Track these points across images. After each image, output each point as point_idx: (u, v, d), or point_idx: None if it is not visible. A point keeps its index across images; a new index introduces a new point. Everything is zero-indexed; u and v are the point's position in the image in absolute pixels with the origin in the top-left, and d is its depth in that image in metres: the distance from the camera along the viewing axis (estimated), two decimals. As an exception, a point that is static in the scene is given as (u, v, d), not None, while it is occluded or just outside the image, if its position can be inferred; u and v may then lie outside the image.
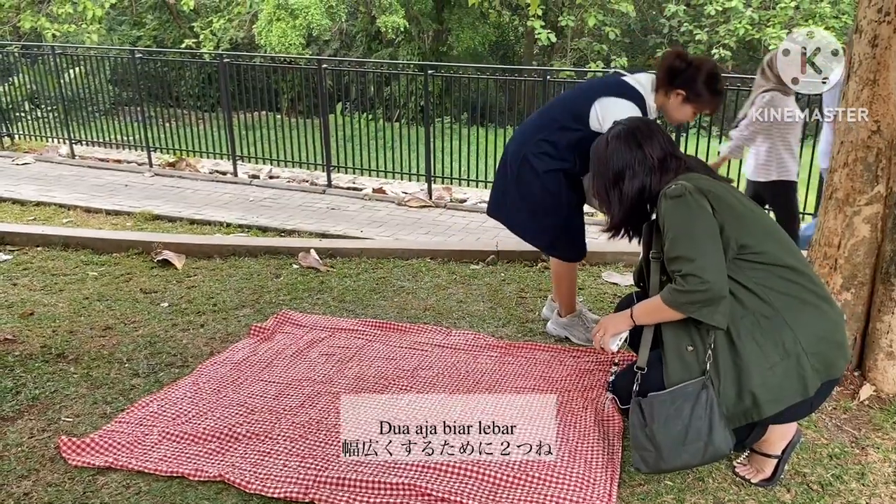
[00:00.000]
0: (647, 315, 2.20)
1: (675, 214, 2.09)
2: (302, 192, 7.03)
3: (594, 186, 2.40)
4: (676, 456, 2.07)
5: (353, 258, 4.51)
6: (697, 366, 2.08)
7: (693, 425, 2.04)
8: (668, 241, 2.08)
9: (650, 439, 2.09)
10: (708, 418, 2.03)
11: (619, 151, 2.28)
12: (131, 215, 5.91)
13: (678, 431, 2.05)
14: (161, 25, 18.30)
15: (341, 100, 9.51)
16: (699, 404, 2.04)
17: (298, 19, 14.07)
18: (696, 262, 2.02)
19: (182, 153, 8.15)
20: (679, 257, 2.05)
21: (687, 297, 2.02)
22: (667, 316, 2.11)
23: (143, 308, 3.73)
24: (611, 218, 2.35)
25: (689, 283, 2.01)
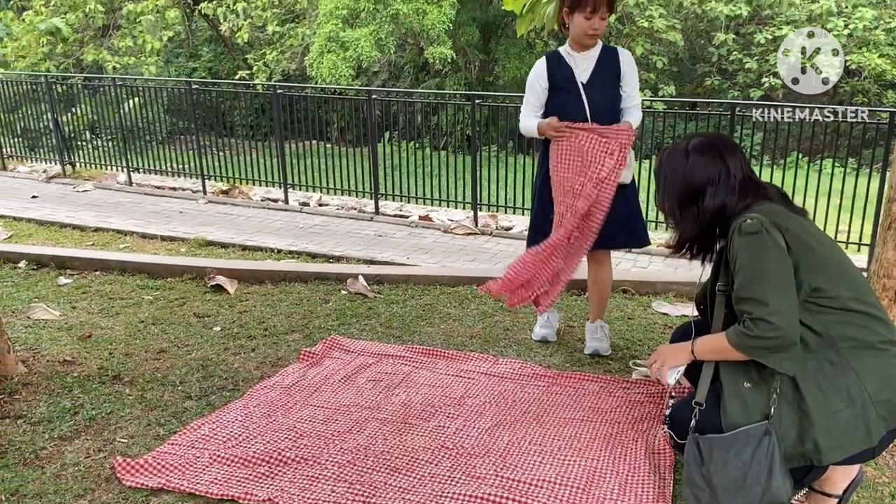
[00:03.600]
0: (709, 352, 2.12)
1: (749, 252, 1.98)
2: (350, 220, 7.12)
3: (661, 200, 2.26)
4: (731, 499, 2.00)
5: (400, 284, 4.54)
6: (758, 408, 2.00)
7: (752, 469, 1.96)
8: (740, 280, 1.99)
9: (706, 479, 2.02)
10: (768, 464, 1.95)
11: (701, 164, 2.13)
12: (185, 241, 6.06)
13: (736, 475, 1.97)
14: (216, 57, 18.87)
15: (389, 129, 9.64)
16: (760, 449, 1.96)
17: (349, 51, 14.36)
18: (768, 307, 1.92)
19: (235, 181, 8.35)
20: (750, 299, 1.96)
21: (756, 342, 1.95)
22: (731, 356, 2.03)
23: (196, 332, 3.80)
24: (679, 235, 2.21)
25: (760, 328, 1.93)
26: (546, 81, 3.34)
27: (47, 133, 9.66)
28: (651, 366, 2.29)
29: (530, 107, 3.37)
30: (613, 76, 3.27)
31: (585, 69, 3.28)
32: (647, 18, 15.93)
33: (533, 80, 3.37)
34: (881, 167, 5.49)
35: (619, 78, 3.27)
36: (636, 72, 3.34)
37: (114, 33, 15.43)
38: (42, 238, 6.18)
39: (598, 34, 3.22)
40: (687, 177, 2.15)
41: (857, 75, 14.98)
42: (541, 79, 3.34)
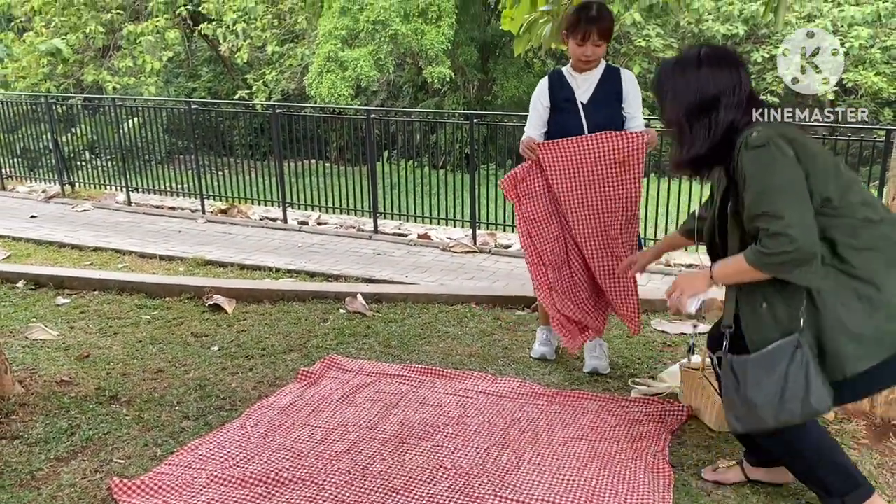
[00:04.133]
0: (728, 276, 2.06)
1: (758, 166, 1.91)
2: (349, 238, 7.12)
3: (670, 113, 2.13)
4: (772, 415, 1.99)
5: (399, 303, 4.54)
6: (784, 324, 1.98)
7: (789, 385, 1.95)
8: (751, 196, 1.93)
9: (745, 400, 2.02)
10: (804, 376, 1.94)
11: (715, 75, 2.02)
12: (184, 261, 6.06)
13: (773, 392, 1.97)
14: (215, 77, 18.99)
15: (388, 148, 9.68)
16: (794, 363, 1.94)
17: (348, 71, 14.44)
18: (783, 220, 1.86)
19: (234, 200, 8.36)
20: (763, 214, 1.90)
21: (774, 258, 1.90)
22: (752, 277, 1.98)
23: (193, 351, 3.80)
24: (688, 150, 2.10)
25: (777, 243, 1.88)
26: (548, 100, 3.37)
27: (47, 153, 9.68)
28: (669, 297, 2.22)
29: (532, 125, 3.41)
30: (614, 97, 3.29)
31: (586, 89, 3.31)
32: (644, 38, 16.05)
33: (536, 99, 3.41)
34: (878, 185, 5.51)
35: (620, 99, 3.30)
36: (639, 92, 3.36)
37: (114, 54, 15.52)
38: (40, 258, 6.18)
39: (591, 60, 3.25)
40: (702, 87, 2.04)
41: (853, 93, 15.08)
42: (543, 98, 3.38)
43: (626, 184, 3.22)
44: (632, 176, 3.21)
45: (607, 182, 3.22)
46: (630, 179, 3.21)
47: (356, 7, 14.63)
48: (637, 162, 3.20)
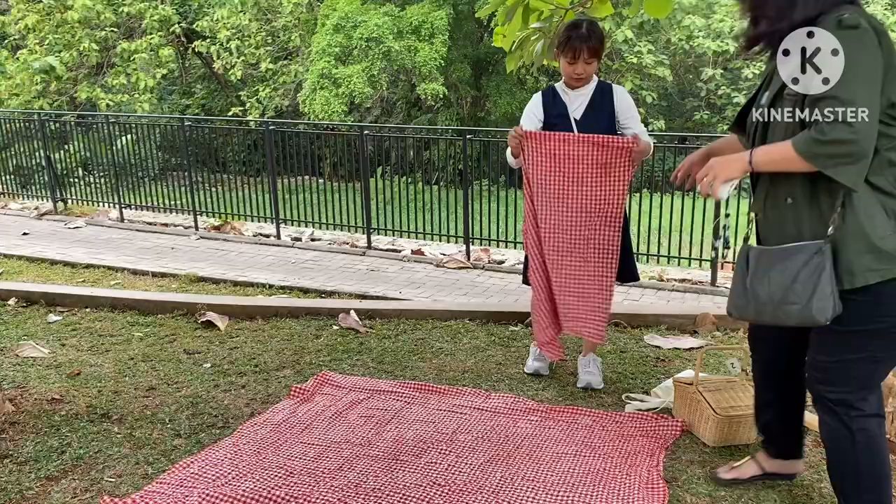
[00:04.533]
0: (769, 163, 1.96)
1: (850, 48, 1.79)
2: (342, 254, 7.12)
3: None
4: (770, 312, 2.00)
5: (392, 319, 4.53)
6: (809, 226, 1.95)
7: (795, 287, 1.93)
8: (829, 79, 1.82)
9: (747, 290, 2.03)
10: (813, 284, 1.90)
11: None
12: (177, 277, 6.04)
13: (778, 289, 1.96)
14: (209, 94, 19.05)
15: (382, 164, 9.70)
16: (808, 266, 1.91)
17: (341, 88, 14.51)
18: (854, 106, 1.76)
19: (227, 217, 8.35)
20: (833, 97, 1.79)
21: (828, 148, 1.80)
22: (794, 167, 1.89)
23: (186, 369, 3.78)
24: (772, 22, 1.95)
25: (837, 131, 1.77)
26: (542, 114, 3.39)
27: (39, 170, 9.67)
28: (700, 180, 2.10)
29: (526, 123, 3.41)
30: (607, 113, 3.32)
31: (579, 106, 3.33)
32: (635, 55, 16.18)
33: (528, 111, 3.43)
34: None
35: (613, 114, 3.32)
36: (632, 105, 3.38)
37: (108, 71, 15.57)
38: (32, 275, 6.15)
39: (582, 78, 3.28)
40: None
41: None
42: (537, 111, 3.40)
43: (607, 186, 3.20)
44: (616, 179, 3.20)
45: (587, 182, 3.21)
46: (614, 182, 3.20)
47: (349, 25, 14.74)
48: (624, 166, 3.18)
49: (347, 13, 14.85)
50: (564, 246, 3.31)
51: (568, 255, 3.31)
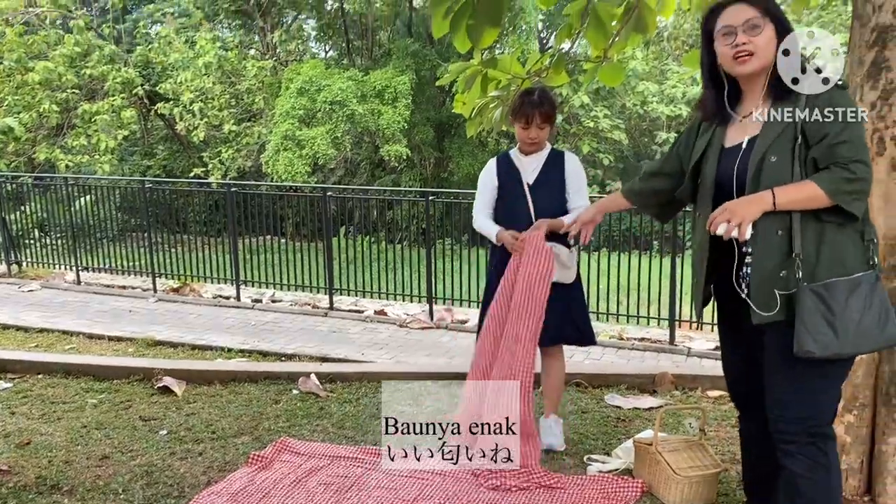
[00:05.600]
0: (794, 202, 2.08)
1: (851, 103, 2.10)
2: (304, 316, 7.07)
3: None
4: (855, 342, 2.04)
5: (354, 382, 4.50)
6: (855, 259, 2.08)
7: (871, 314, 2.04)
8: (837, 128, 2.05)
9: (830, 324, 2.04)
10: (885, 308, 2.06)
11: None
12: (134, 341, 5.92)
13: (857, 318, 2.04)
14: (171, 155, 19.00)
15: (345, 223, 9.74)
16: (875, 293, 2.06)
17: (305, 149, 14.63)
18: (867, 150, 2.05)
19: (186, 278, 8.26)
20: (849, 142, 2.03)
21: (852, 185, 2.02)
22: (815, 205, 2.06)
23: (141, 436, 3.68)
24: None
25: (859, 170, 2.01)
26: (496, 180, 3.49)
27: (-7, 232, 9.49)
28: (717, 223, 2.13)
29: (481, 205, 3.53)
30: (559, 179, 3.41)
31: (532, 171, 3.42)
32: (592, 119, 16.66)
33: (484, 179, 3.53)
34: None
35: (564, 181, 3.41)
36: (582, 175, 3.48)
37: (68, 132, 15.48)
38: (-18, 340, 5.99)
39: (536, 142, 3.39)
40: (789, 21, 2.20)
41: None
42: (491, 178, 3.50)
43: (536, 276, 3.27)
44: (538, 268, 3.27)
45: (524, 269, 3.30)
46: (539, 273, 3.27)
47: (314, 88, 14.95)
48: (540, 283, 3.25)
49: (312, 77, 15.08)
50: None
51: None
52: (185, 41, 16.48)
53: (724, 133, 2.27)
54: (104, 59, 15.30)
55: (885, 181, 2.59)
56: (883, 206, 2.59)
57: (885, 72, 2.49)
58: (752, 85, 2.20)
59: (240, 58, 17.03)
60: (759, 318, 2.14)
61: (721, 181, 2.24)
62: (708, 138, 2.30)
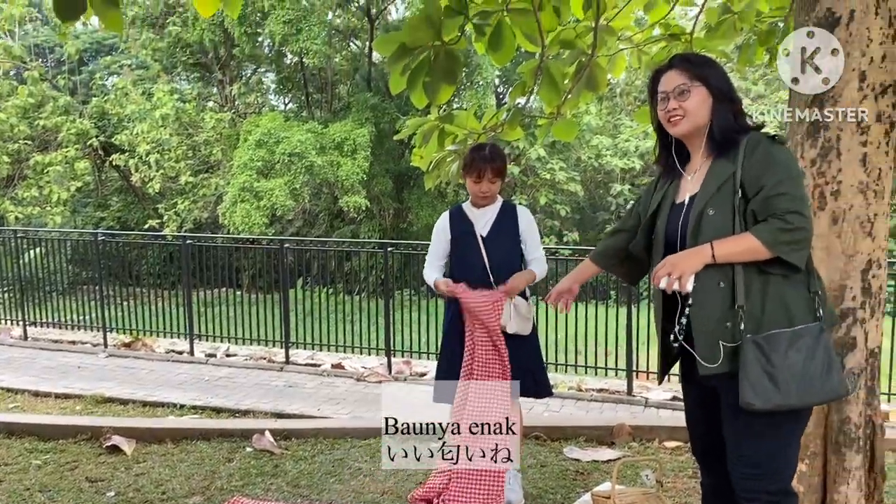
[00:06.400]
0: (733, 254, 2.12)
1: (786, 156, 2.16)
2: (259, 370, 6.93)
3: (720, 81, 2.25)
4: (795, 395, 2.05)
5: (309, 439, 4.41)
6: (797, 310, 2.10)
7: (815, 365, 2.05)
8: (774, 180, 2.09)
9: (770, 377, 2.05)
10: (828, 360, 2.07)
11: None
12: (82, 398, 5.73)
13: (799, 370, 2.04)
14: (125, 207, 18.74)
15: (302, 275, 9.66)
16: (819, 345, 2.07)
17: (263, 200, 14.57)
18: (804, 201, 2.09)
19: (138, 333, 8.07)
20: (786, 194, 2.07)
21: (790, 235, 2.06)
22: (755, 256, 2.09)
23: (87, 498, 3.55)
24: (723, 122, 2.25)
25: (797, 221, 2.05)
26: (448, 233, 3.52)
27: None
28: (659, 276, 2.18)
29: (433, 257, 3.58)
30: (513, 231, 3.46)
31: (485, 224, 3.47)
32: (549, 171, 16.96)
33: (437, 232, 3.57)
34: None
35: (517, 233, 3.46)
36: (535, 228, 3.55)
37: (19, 183, 15.19)
38: (-80, 399, 5.74)
39: (488, 195, 3.44)
40: (730, 81, 2.29)
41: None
42: (444, 231, 3.54)
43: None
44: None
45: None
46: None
47: (272, 140, 14.98)
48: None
49: (271, 129, 15.12)
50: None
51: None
52: (143, 93, 16.45)
53: (677, 189, 2.34)
54: (58, 111, 15.17)
55: (827, 235, 2.68)
56: (826, 259, 2.67)
57: (823, 130, 2.60)
58: (693, 144, 2.30)
59: (198, 110, 17.02)
60: (706, 370, 2.18)
61: (669, 236, 2.31)
62: (663, 193, 2.37)
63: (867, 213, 2.64)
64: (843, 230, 2.62)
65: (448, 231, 3.52)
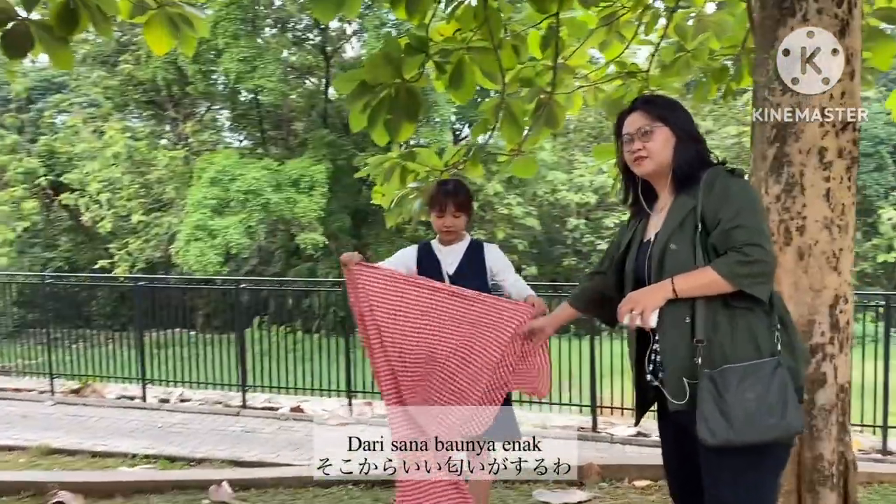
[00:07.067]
0: (693, 288, 2.10)
1: (744, 188, 2.15)
2: (214, 416, 6.69)
3: (683, 122, 2.27)
4: (748, 431, 2.00)
5: (269, 489, 4.23)
6: (759, 343, 2.06)
7: (769, 402, 2.01)
8: (732, 212, 2.08)
9: (722, 412, 2.01)
10: (784, 397, 2.02)
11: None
12: (26, 450, 5.43)
13: (754, 404, 2.00)
14: (75, 247, 18.25)
15: (259, 314, 9.44)
16: (775, 380, 2.02)
17: (217, 239, 14.33)
18: (762, 233, 2.07)
19: (87, 379, 7.75)
20: (744, 226, 2.06)
21: (749, 268, 2.03)
22: (715, 290, 2.06)
23: (28, 563, 3.32)
24: (686, 160, 2.24)
25: (756, 253, 2.03)
26: (414, 265, 3.38)
27: None
28: (623, 312, 2.17)
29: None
30: (480, 269, 3.38)
31: (452, 261, 3.39)
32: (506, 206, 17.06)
33: (400, 258, 3.36)
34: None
35: (485, 271, 3.38)
36: (503, 258, 3.43)
37: (-38, 224, 14.69)
38: None
39: (452, 230, 3.35)
40: (692, 121, 2.30)
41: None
42: (409, 260, 3.36)
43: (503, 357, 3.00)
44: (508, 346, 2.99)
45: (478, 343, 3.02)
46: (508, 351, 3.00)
47: (227, 178, 14.79)
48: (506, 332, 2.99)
49: (225, 167, 14.95)
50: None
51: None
52: (94, 131, 16.14)
53: (645, 228, 2.32)
54: (5, 150, 14.78)
55: (794, 270, 2.68)
56: (793, 294, 2.67)
57: (786, 166, 2.62)
58: (658, 182, 2.30)
59: (150, 148, 16.76)
60: (674, 406, 2.14)
61: (637, 273, 2.28)
62: (632, 232, 2.35)
63: (832, 249, 2.65)
64: (809, 265, 2.62)
65: (414, 262, 3.38)
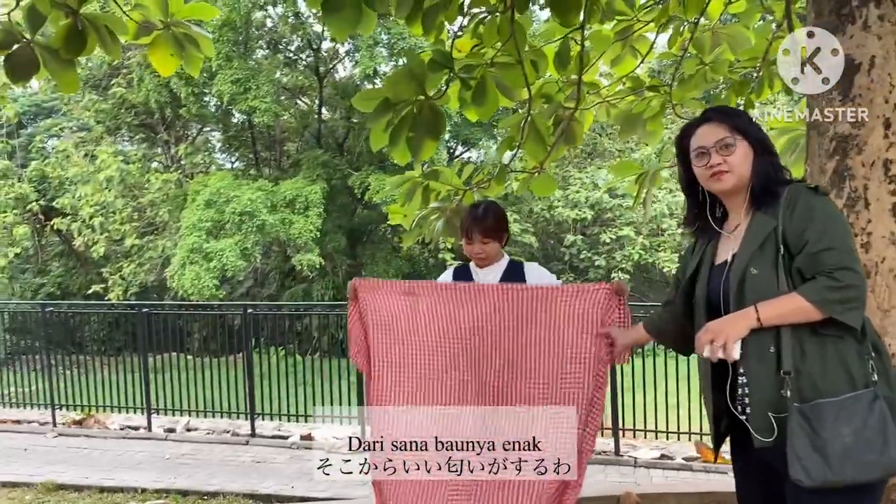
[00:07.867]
0: (779, 316, 1.95)
1: (829, 208, 2.02)
2: (223, 445, 6.53)
3: (757, 132, 2.15)
4: (847, 469, 1.85)
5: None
6: (853, 374, 1.92)
7: (867, 436, 1.85)
8: (818, 233, 1.95)
9: (816, 449, 1.86)
10: (883, 430, 1.86)
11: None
12: (31, 486, 5.26)
13: (852, 440, 1.85)
14: (67, 272, 17.99)
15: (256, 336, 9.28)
16: (873, 414, 1.87)
17: (212, 262, 14.14)
18: (852, 255, 1.94)
19: (90, 409, 7.55)
20: (833, 249, 1.92)
21: (841, 293, 1.89)
22: (802, 317, 1.93)
23: None
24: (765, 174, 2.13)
25: (847, 277, 1.89)
26: None
27: None
28: (702, 344, 2.02)
29: None
30: None
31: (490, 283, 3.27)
32: (503, 223, 16.93)
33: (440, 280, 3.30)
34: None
35: None
36: (550, 277, 3.32)
37: (-48, 251, 14.45)
38: None
39: (483, 257, 3.23)
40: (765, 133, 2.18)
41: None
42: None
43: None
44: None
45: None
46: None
47: (222, 200, 14.64)
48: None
49: (219, 189, 14.79)
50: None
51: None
52: (85, 155, 15.96)
53: (715, 249, 2.20)
54: (-5, 175, 14.59)
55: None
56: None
57: (848, 180, 2.52)
58: (732, 201, 2.15)
59: (143, 171, 16.58)
60: (760, 443, 2.01)
61: (711, 299, 2.15)
62: (700, 255, 2.23)
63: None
64: (876, 284, 2.51)
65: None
